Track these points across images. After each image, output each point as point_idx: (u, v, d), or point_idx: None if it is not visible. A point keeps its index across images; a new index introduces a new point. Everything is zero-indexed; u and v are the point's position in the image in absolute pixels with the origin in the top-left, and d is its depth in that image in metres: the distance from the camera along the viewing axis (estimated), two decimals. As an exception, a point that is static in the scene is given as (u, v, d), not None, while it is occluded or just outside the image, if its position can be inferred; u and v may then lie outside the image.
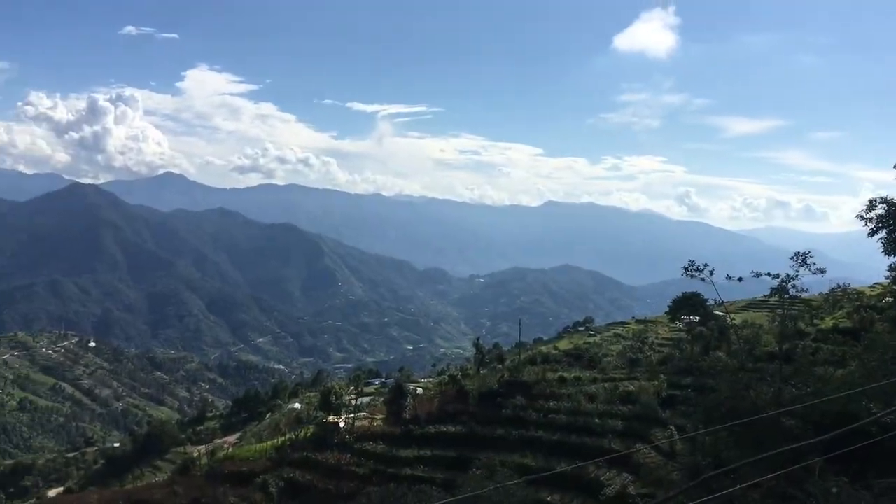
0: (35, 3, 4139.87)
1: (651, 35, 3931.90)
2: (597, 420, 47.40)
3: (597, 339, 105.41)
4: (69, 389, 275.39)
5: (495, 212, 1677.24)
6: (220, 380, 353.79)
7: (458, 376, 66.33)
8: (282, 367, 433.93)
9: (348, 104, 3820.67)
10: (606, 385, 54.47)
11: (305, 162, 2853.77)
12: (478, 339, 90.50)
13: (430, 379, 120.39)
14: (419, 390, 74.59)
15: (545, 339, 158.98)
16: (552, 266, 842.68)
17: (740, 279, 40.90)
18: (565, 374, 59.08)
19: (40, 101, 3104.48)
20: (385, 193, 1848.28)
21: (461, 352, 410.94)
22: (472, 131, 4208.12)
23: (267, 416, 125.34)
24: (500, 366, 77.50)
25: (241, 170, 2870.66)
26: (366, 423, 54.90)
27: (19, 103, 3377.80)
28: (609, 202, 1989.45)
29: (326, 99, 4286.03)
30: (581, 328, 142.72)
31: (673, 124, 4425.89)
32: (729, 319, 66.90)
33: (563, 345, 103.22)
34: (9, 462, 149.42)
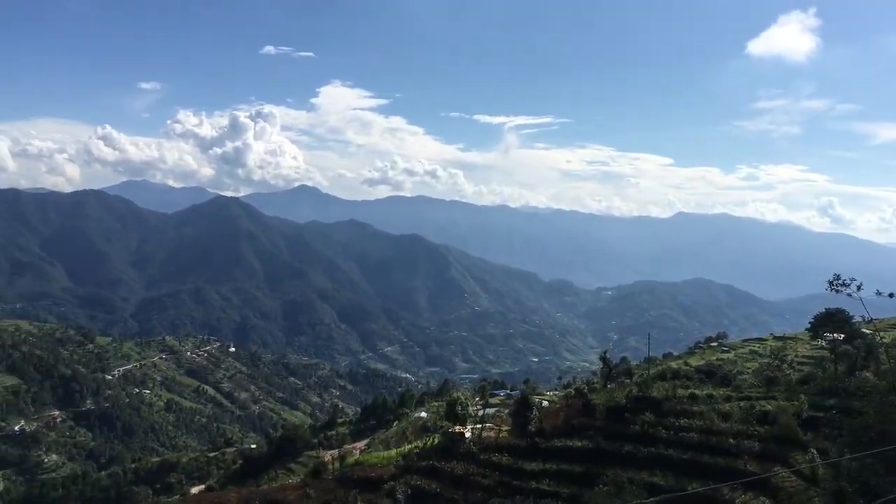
0: (183, 27, 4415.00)
1: (789, 39, 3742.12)
2: (731, 440, 45.53)
3: (731, 355, 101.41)
4: (211, 392, 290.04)
5: (623, 223, 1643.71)
6: (349, 387, 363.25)
7: (585, 390, 65.27)
8: (408, 375, 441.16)
9: (475, 116, 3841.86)
10: (741, 404, 52.25)
11: (433, 174, 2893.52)
12: (605, 352, 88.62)
13: (556, 392, 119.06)
14: (545, 403, 73.94)
15: (675, 354, 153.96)
16: (683, 279, 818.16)
17: (891, 295, 38.27)
18: (697, 391, 57.04)
19: (187, 119, 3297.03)
20: (511, 205, 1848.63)
21: (587, 365, 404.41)
22: (599, 142, 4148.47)
23: (394, 424, 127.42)
24: (628, 380, 75.72)
25: (371, 182, 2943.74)
26: (491, 434, 54.85)
27: (168, 121, 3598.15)
28: (744, 213, 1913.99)
29: (453, 112, 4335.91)
30: (713, 344, 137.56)
31: (814, 131, 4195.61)
32: (878, 338, 62.73)
33: (695, 361, 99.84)
34: (156, 459, 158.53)
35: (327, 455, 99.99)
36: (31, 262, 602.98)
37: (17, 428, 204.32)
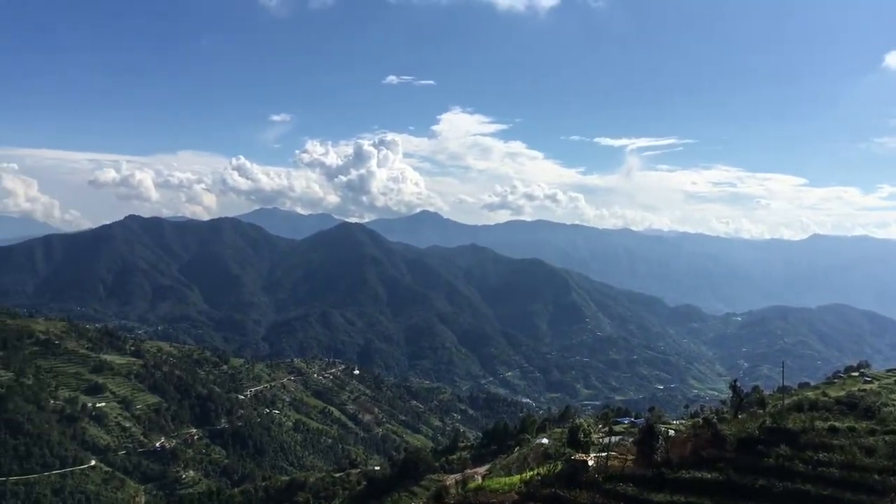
0: (311, 60, 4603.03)
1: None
2: (876, 476, 42.67)
3: (874, 386, 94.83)
4: (336, 413, 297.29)
5: (753, 246, 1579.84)
6: (470, 411, 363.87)
7: (714, 420, 62.82)
8: (529, 401, 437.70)
9: (595, 139, 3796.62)
10: (887, 438, 48.87)
11: (553, 198, 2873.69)
12: (735, 380, 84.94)
13: (683, 421, 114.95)
14: (671, 432, 71.60)
15: (812, 384, 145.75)
16: (819, 304, 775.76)
17: None
18: (837, 424, 53.77)
19: (314, 148, 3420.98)
20: (634, 228, 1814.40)
21: (715, 394, 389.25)
22: (726, 162, 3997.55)
23: (515, 450, 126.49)
24: (761, 411, 72.23)
25: (491, 207, 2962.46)
26: (615, 462, 53.64)
27: (297, 151, 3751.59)
28: (887, 234, 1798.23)
29: (574, 135, 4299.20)
30: (855, 374, 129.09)
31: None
32: None
33: (834, 391, 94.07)
34: (285, 478, 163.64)
35: (449, 479, 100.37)
36: (172, 287, 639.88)
37: (157, 444, 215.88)
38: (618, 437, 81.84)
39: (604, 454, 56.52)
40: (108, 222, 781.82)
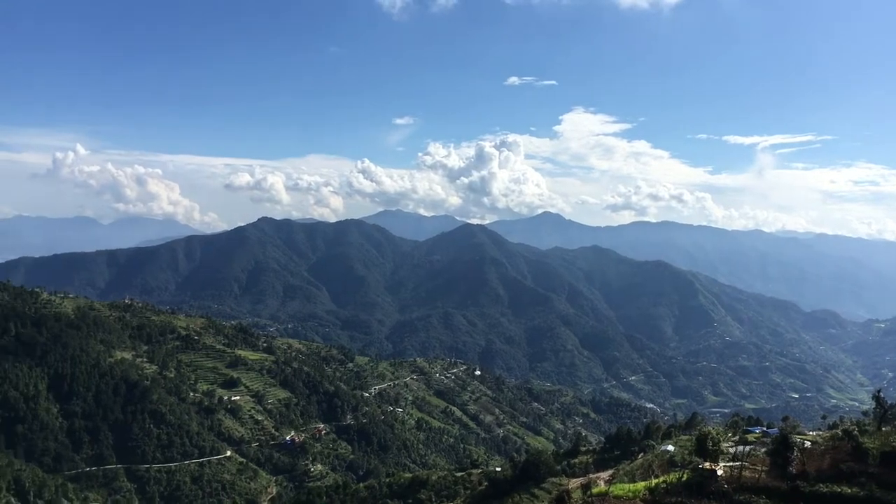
0: (435, 64, 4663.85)
1: None
2: None
3: None
4: (458, 413, 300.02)
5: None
6: (592, 415, 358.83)
7: (855, 431, 59.46)
8: (653, 406, 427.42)
9: (724, 137, 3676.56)
10: None
11: (679, 198, 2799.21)
12: (878, 391, 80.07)
13: (820, 432, 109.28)
14: (807, 443, 68.34)
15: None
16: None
17: None
18: None
19: (437, 150, 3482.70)
20: (765, 229, 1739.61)
21: (856, 404, 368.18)
22: (868, 159, 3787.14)
23: (639, 456, 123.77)
24: (908, 424, 67.85)
25: (614, 208, 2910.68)
26: (747, 473, 51.71)
27: (420, 154, 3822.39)
28: None
29: (701, 133, 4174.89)
30: None
31: None
32: None
33: None
34: (408, 475, 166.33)
35: (571, 483, 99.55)
36: (301, 287, 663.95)
37: (288, 438, 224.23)
38: (749, 447, 78.90)
39: (734, 464, 54.62)
40: (242, 224, 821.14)
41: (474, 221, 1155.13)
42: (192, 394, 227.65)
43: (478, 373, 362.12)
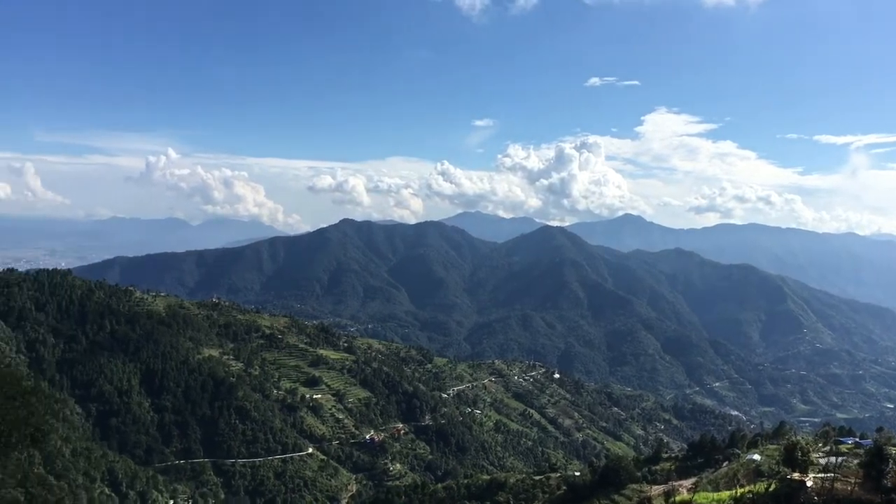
0: (514, 65, 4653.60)
1: None
2: None
3: None
4: (536, 416, 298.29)
5: None
6: (674, 421, 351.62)
7: (956, 446, 56.60)
8: (738, 414, 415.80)
9: (815, 137, 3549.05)
10: None
11: (766, 200, 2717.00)
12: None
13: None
14: (904, 456, 65.31)
15: None
16: None
17: None
18: None
19: (516, 152, 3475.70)
20: (859, 232, 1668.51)
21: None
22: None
23: (723, 465, 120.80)
24: None
25: (698, 210, 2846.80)
26: (838, 485, 49.85)
27: (499, 156, 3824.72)
28: None
29: (790, 133, 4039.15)
30: None
31: None
32: None
33: None
34: (486, 477, 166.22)
35: (652, 490, 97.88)
36: (381, 288, 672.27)
37: (367, 436, 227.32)
38: (841, 459, 76.07)
39: (824, 476, 52.75)
40: (324, 225, 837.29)
41: (554, 223, 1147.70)
42: (275, 391, 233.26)
43: (556, 376, 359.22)
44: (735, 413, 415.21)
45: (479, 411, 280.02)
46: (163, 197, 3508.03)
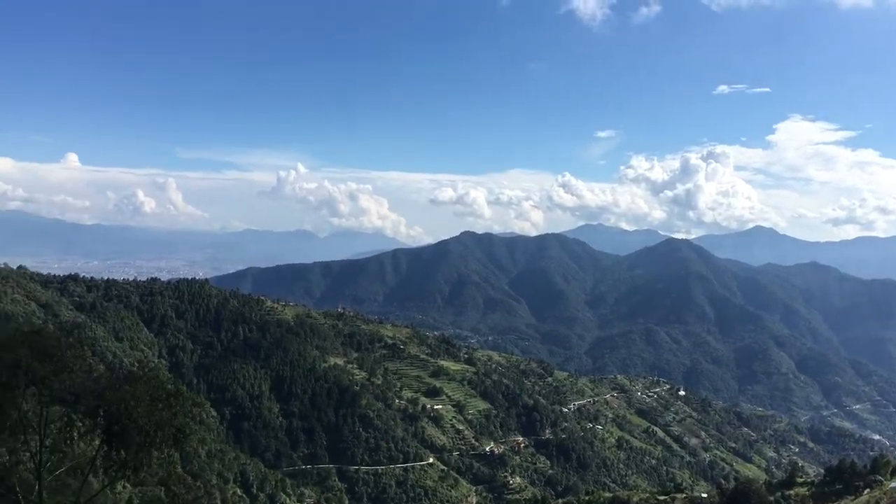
0: (636, 74, 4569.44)
1: None
2: None
3: None
4: (660, 434, 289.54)
5: None
6: (810, 444, 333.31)
7: None
8: (882, 439, 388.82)
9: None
10: None
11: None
12: None
13: None
14: None
15: None
16: None
17: None
18: None
19: (639, 163, 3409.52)
20: None
21: None
22: None
23: (864, 492, 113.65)
24: None
25: (836, 222, 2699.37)
26: None
27: (622, 167, 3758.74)
28: None
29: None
30: None
31: None
32: None
33: None
34: (607, 494, 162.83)
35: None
36: (501, 300, 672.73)
37: (487, 449, 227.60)
38: None
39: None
40: (446, 238, 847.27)
41: (679, 236, 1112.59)
42: (397, 400, 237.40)
43: (682, 393, 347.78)
44: (878, 437, 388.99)
45: (600, 427, 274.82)
46: (292, 210, 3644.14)
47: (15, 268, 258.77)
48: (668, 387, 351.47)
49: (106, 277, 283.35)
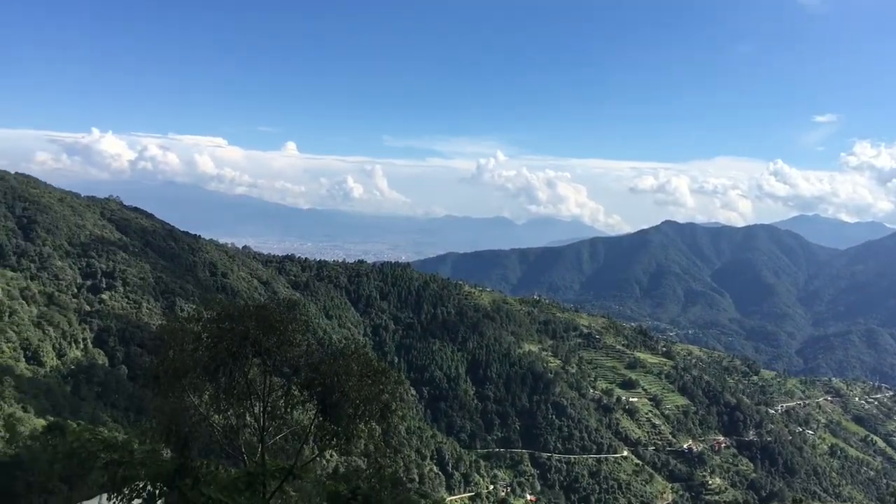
0: (860, 55, 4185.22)
1: None
2: None
3: None
4: (881, 444, 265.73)
5: None
6: None
7: None
8: None
9: None
10: None
11: None
12: None
13: None
14: None
15: None
16: None
17: None
18: None
19: (864, 150, 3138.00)
20: None
21: None
22: None
23: None
24: None
25: None
26: None
27: (843, 154, 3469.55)
28: None
29: None
30: None
31: None
32: None
33: None
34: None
35: None
36: (703, 292, 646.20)
37: (685, 446, 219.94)
38: None
39: None
40: (645, 227, 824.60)
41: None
42: (591, 391, 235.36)
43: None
44: None
45: (811, 432, 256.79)
46: (491, 197, 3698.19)
47: (241, 247, 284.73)
48: (891, 393, 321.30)
49: (318, 259, 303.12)
